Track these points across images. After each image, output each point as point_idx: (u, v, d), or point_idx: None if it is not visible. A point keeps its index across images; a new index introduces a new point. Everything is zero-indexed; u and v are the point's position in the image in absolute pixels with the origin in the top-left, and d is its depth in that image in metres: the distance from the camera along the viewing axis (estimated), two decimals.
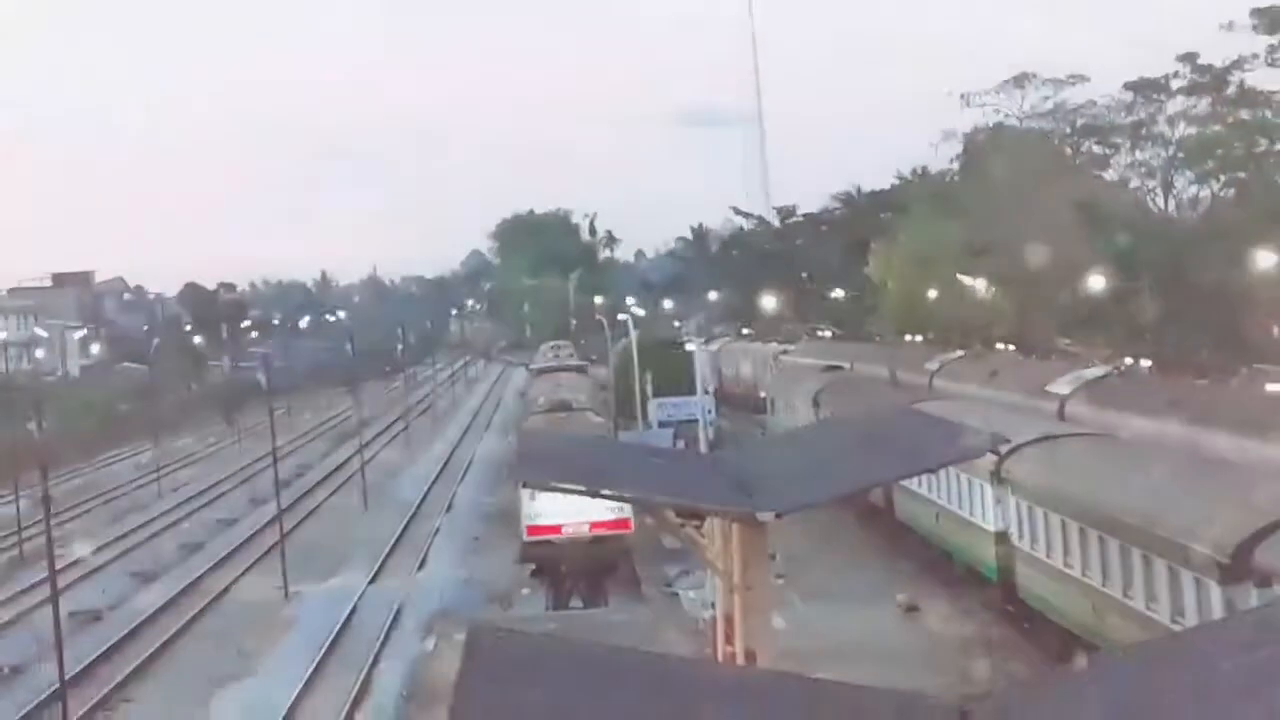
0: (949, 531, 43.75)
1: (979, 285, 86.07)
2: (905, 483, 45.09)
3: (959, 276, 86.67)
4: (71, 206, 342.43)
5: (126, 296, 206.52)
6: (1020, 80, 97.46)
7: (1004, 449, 34.99)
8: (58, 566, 40.69)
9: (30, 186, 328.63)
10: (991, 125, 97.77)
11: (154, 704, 41.23)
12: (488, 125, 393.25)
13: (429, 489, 79.06)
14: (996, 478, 38.70)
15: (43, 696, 39.64)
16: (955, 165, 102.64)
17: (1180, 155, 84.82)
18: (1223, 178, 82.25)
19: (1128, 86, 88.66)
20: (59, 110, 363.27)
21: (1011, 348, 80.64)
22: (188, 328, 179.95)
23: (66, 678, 36.81)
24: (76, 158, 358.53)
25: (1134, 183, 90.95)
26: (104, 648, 46.24)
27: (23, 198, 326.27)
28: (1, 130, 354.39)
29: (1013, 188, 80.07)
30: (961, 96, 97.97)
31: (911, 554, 48.12)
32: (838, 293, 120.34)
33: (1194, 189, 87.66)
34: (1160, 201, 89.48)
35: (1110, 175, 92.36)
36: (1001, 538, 38.91)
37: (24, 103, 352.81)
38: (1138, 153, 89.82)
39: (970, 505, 41.36)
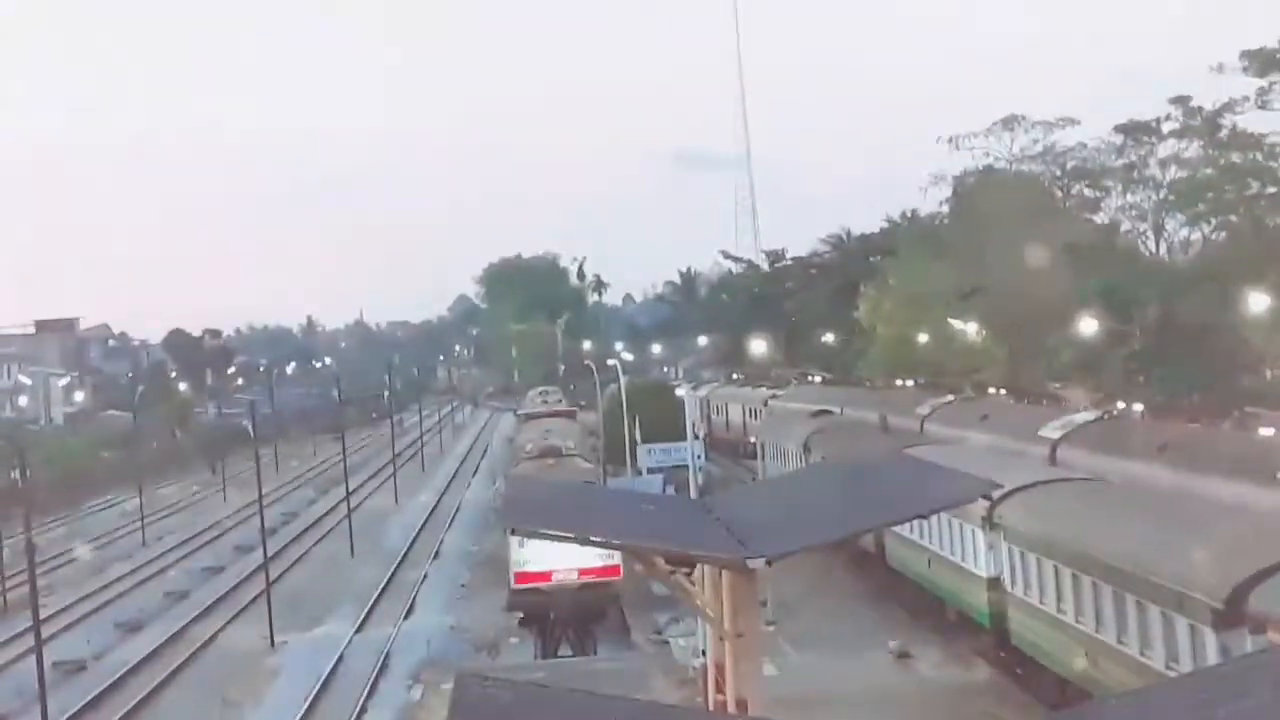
0: (941, 577, 43.42)
1: (969, 329, 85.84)
2: (897, 528, 44.77)
3: (949, 320, 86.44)
4: (55, 253, 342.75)
5: (111, 343, 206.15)
6: (1009, 123, 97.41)
7: (996, 494, 34.66)
8: (42, 616, 40.32)
9: (13, 233, 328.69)
10: (981, 168, 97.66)
11: None
12: (475, 170, 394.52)
13: (416, 536, 78.75)
14: (989, 523, 38.39)
15: None
16: (945, 208, 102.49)
17: (1171, 198, 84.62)
18: (1214, 220, 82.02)
19: (1118, 129, 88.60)
20: (43, 156, 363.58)
21: (1003, 392, 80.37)
22: (173, 374, 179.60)
23: None
24: (60, 204, 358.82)
25: (1125, 225, 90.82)
26: (88, 698, 45.86)
27: (5, 244, 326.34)
28: None
29: (1002, 230, 79.83)
30: (950, 140, 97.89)
31: (903, 600, 47.79)
32: (827, 337, 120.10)
33: (1185, 232, 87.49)
34: (1151, 244, 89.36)
35: (1101, 218, 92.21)
36: (994, 583, 38.59)
37: (7, 147, 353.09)
38: (1129, 195, 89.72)
39: (962, 551, 41.05)
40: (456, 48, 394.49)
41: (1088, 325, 68.71)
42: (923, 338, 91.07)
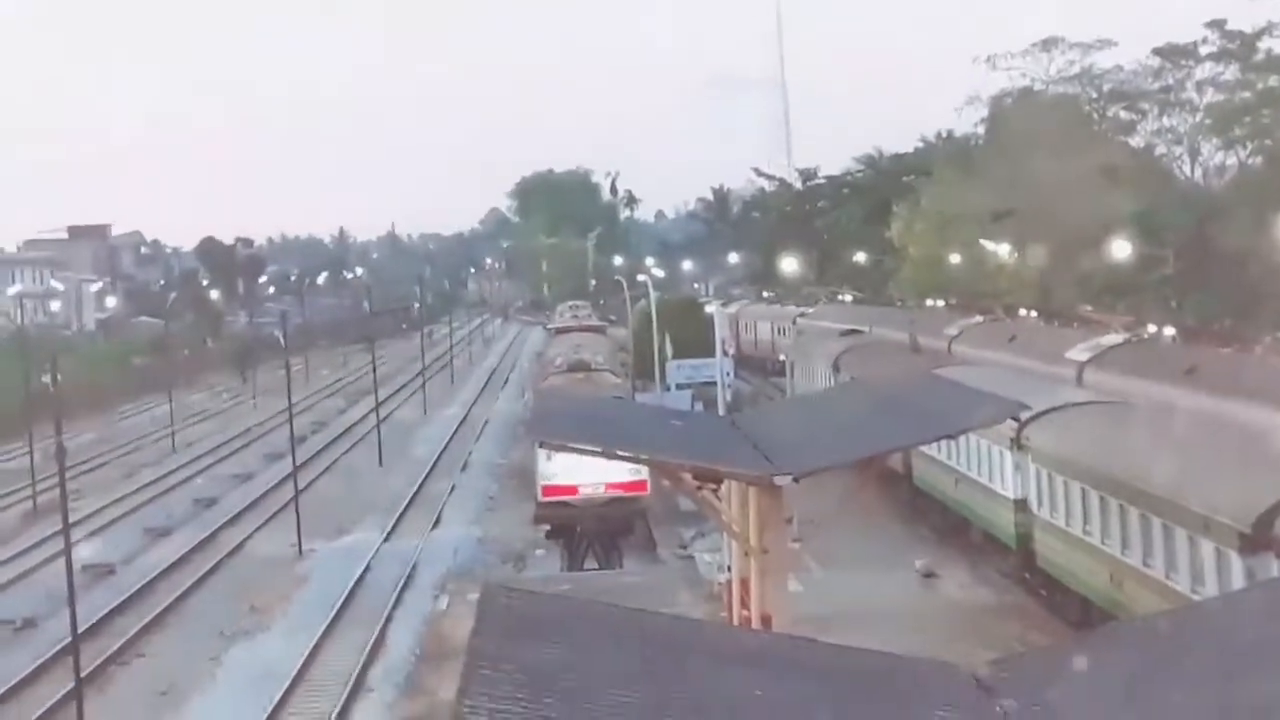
0: (967, 498, 43.45)
1: (1001, 250, 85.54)
2: (924, 449, 44.73)
3: (982, 241, 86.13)
4: (90, 159, 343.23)
5: (143, 250, 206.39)
6: (1047, 44, 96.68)
7: (1024, 416, 34.64)
8: (71, 520, 40.52)
9: (49, 139, 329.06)
10: (1018, 89, 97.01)
11: (166, 658, 41.12)
12: (509, 82, 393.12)
13: (445, 447, 78.95)
14: (1016, 445, 38.36)
15: (55, 649, 39.55)
16: (980, 129, 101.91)
17: (1207, 122, 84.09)
18: (1250, 145, 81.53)
19: (1155, 52, 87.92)
20: (80, 64, 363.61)
21: (1033, 314, 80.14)
22: (204, 282, 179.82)
23: (79, 631, 36.64)
24: (96, 111, 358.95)
25: (1160, 149, 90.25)
26: (116, 601, 46.15)
27: (41, 150, 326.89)
28: (23, 83, 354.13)
29: (1038, 152, 79.38)
30: (987, 59, 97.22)
31: (930, 520, 47.86)
32: (859, 256, 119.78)
33: (1221, 156, 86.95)
34: (1187, 168, 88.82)
35: (1136, 141, 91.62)
36: (1020, 505, 38.60)
37: (46, 56, 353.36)
38: (1165, 119, 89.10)
39: (989, 472, 41.05)
40: None
41: (1121, 249, 68.41)
42: (954, 258, 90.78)
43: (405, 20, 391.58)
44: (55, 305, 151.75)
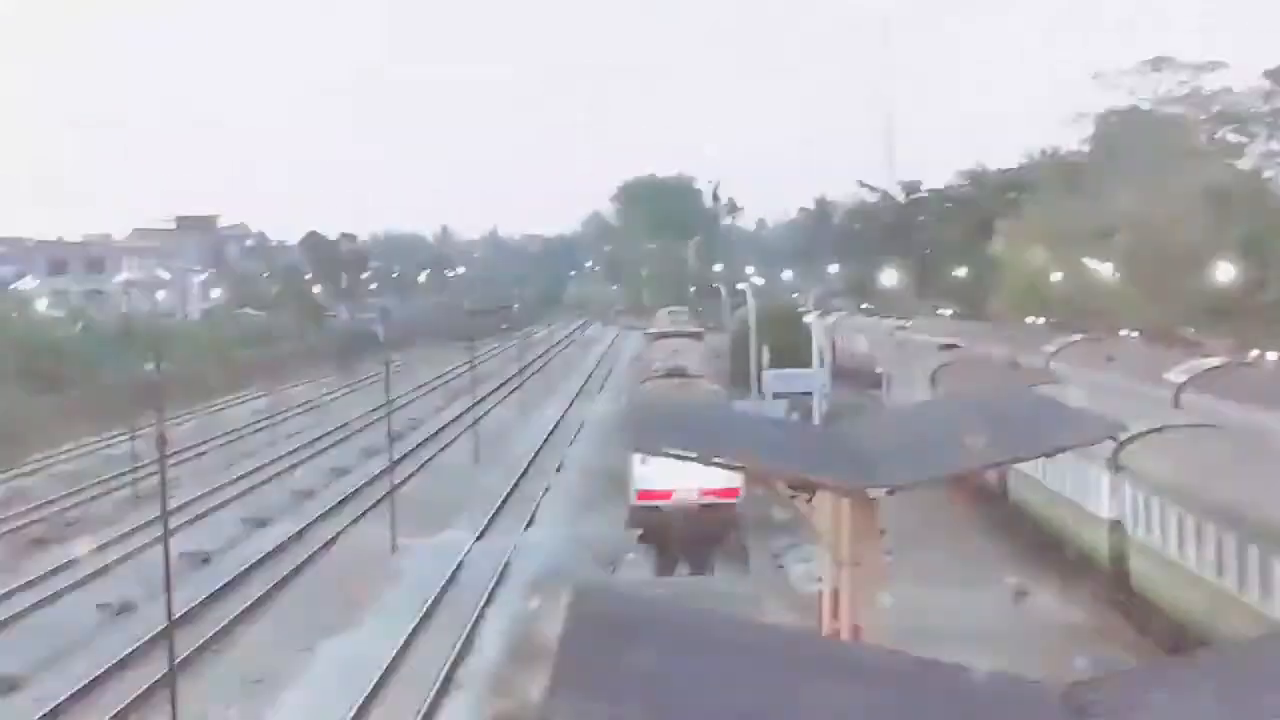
0: (1062, 517, 43.25)
1: (1104, 269, 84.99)
2: (1020, 466, 44.55)
3: (1084, 260, 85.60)
4: (199, 152, 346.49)
5: (249, 242, 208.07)
6: (1157, 64, 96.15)
7: (1122, 436, 34.45)
8: (170, 507, 40.99)
9: (160, 129, 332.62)
10: (1125, 108, 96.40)
11: (259, 647, 41.50)
12: (614, 86, 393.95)
13: (540, 448, 79.22)
14: (1114, 465, 38.15)
15: (151, 635, 40.00)
16: (1086, 147, 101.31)
17: None
18: None
19: (1266, 75, 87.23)
20: (193, 58, 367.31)
21: (1134, 334, 79.61)
22: (307, 276, 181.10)
23: (174, 617, 37.07)
24: (207, 104, 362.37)
25: (1268, 172, 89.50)
26: (212, 590, 46.64)
27: (152, 140, 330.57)
28: (135, 75, 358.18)
29: (1144, 172, 78.87)
30: (1096, 77, 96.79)
31: (1023, 538, 47.63)
32: (960, 271, 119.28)
33: None
34: None
35: (1244, 164, 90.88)
36: (1115, 526, 38.40)
37: (157, 48, 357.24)
38: (1274, 142, 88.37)
39: (1085, 492, 40.84)
40: None
41: (1225, 271, 67.85)
42: (1056, 276, 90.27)
43: (511, 21, 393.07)
44: (161, 294, 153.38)
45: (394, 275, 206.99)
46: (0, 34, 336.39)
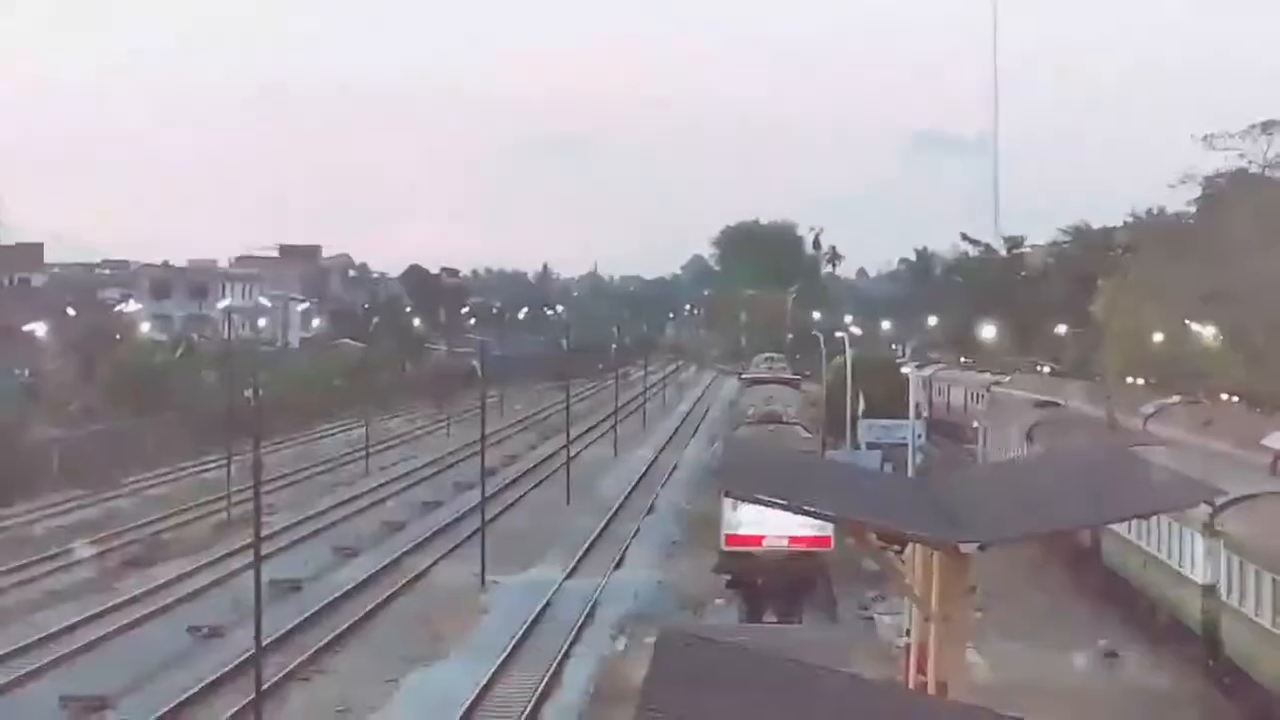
0: (1155, 580, 42.86)
1: (1207, 332, 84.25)
2: (1114, 526, 44.23)
3: (1188, 322, 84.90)
4: (305, 183, 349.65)
5: (351, 273, 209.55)
6: (1268, 126, 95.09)
7: (1219, 501, 34.15)
8: (263, 534, 41.31)
9: (269, 162, 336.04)
10: (1233, 170, 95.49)
11: (345, 677, 41.73)
12: (718, 131, 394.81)
13: (632, 489, 79.28)
14: (1209, 530, 37.79)
15: (238, 660, 40.28)
16: (1192, 208, 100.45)
17: None
18: None
19: None
20: (303, 90, 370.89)
21: (1235, 399, 78.79)
22: (408, 309, 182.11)
23: (263, 644, 37.33)
24: (313, 134, 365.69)
25: None
26: (301, 618, 46.92)
27: (260, 169, 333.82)
28: (246, 103, 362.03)
29: (1253, 236, 78.06)
30: (1204, 138, 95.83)
31: (1116, 599, 47.20)
32: (1060, 328, 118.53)
33: None
34: None
35: None
36: (1209, 591, 38.01)
37: (272, 80, 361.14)
38: None
39: (1179, 555, 40.46)
40: (708, 14, 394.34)
41: None
42: (1158, 337, 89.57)
43: (613, 68, 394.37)
44: (262, 321, 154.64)
45: (493, 311, 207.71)
46: (127, 65, 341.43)
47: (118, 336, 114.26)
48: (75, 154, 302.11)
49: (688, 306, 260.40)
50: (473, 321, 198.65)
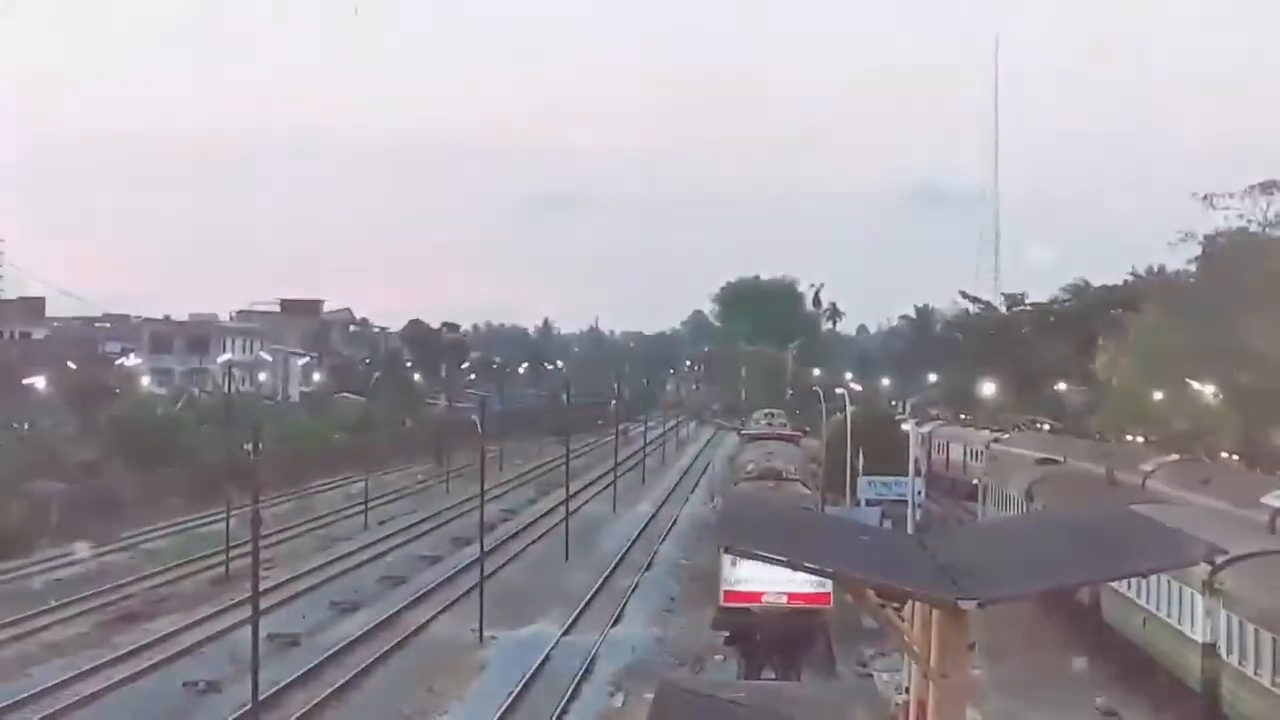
0: (1155, 638, 42.78)
1: (1207, 392, 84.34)
2: (1114, 584, 44.16)
3: (1188, 381, 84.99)
4: (306, 239, 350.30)
5: (352, 328, 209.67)
6: (1266, 187, 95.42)
7: (1219, 560, 34.11)
8: (261, 588, 41.25)
9: (270, 213, 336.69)
10: (1233, 229, 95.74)
11: None
12: (720, 188, 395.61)
13: (631, 545, 79.22)
14: (1209, 589, 37.76)
15: (235, 715, 40.16)
16: (1192, 267, 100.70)
17: None
18: None
19: None
20: (304, 146, 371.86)
21: (1235, 458, 78.83)
22: (408, 364, 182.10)
23: (260, 699, 37.24)
24: (315, 189, 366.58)
25: None
26: (298, 673, 46.79)
27: (261, 223, 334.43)
28: (249, 158, 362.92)
29: (1252, 296, 78.19)
30: (1204, 198, 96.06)
31: (1115, 657, 47.08)
32: (1060, 385, 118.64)
33: None
34: None
35: None
36: (1209, 650, 37.95)
37: (274, 136, 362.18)
38: None
39: (1179, 614, 40.41)
40: (710, 70, 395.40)
41: None
42: (1158, 395, 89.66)
43: (614, 123, 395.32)
44: (263, 375, 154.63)
45: (493, 366, 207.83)
46: (128, 116, 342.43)
47: (117, 390, 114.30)
48: (75, 208, 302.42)
49: (688, 362, 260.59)
50: (473, 376, 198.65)
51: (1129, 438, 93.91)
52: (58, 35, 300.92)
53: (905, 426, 74.81)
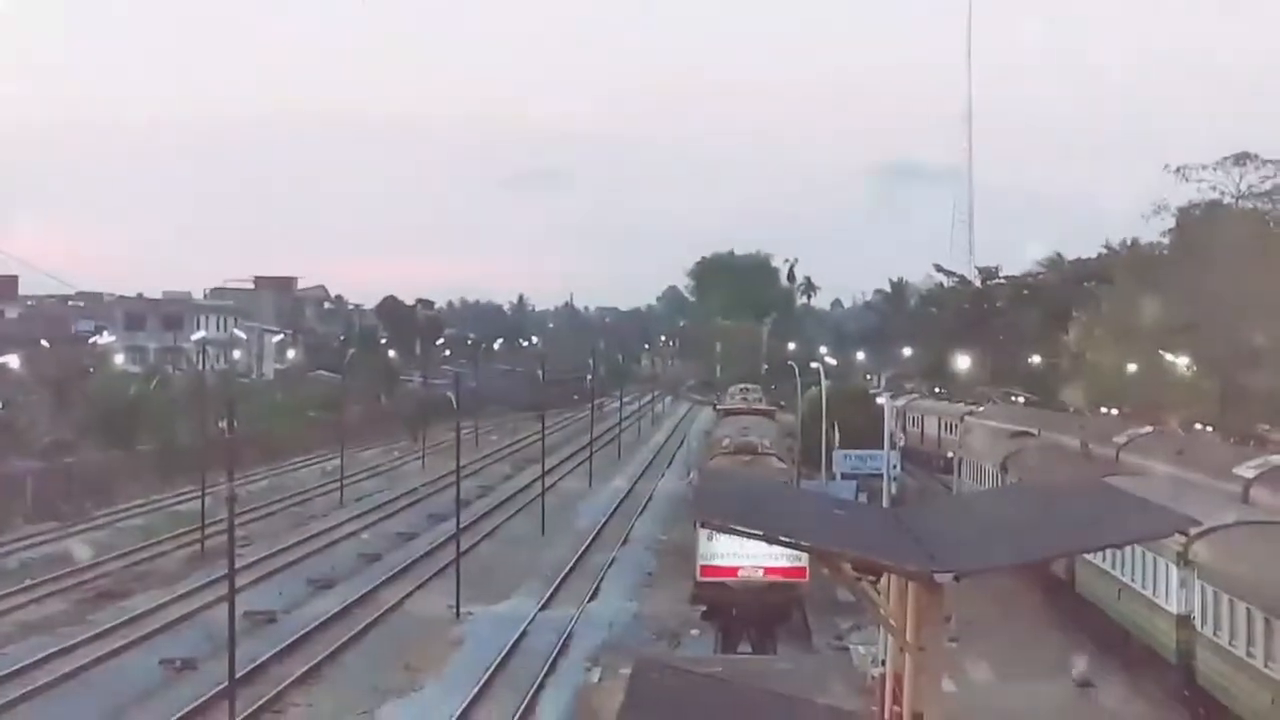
0: (1130, 609, 42.92)
1: (1181, 363, 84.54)
2: (1088, 556, 44.29)
3: (1161, 352, 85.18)
4: (280, 216, 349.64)
5: (326, 305, 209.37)
6: (1240, 159, 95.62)
7: (1193, 531, 34.20)
8: (237, 566, 41.19)
9: (243, 193, 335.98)
10: (1206, 201, 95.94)
11: (320, 709, 41.60)
12: (694, 164, 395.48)
13: (607, 520, 79.25)
14: (1183, 559, 37.88)
15: (212, 692, 40.13)
16: (1166, 239, 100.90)
17: None
18: None
19: None
20: (279, 123, 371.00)
21: (1208, 429, 79.02)
22: (383, 340, 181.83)
23: (236, 676, 37.21)
24: (288, 166, 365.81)
25: None
26: (276, 649, 46.76)
27: (234, 201, 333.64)
28: (222, 136, 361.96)
29: (1225, 267, 78.37)
30: (1178, 170, 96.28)
31: (1090, 629, 47.24)
32: (1034, 358, 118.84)
33: None
34: None
35: None
36: (1184, 621, 38.08)
37: (249, 113, 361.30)
38: None
39: (1154, 585, 40.53)
40: (684, 45, 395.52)
41: None
42: (1131, 368, 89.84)
43: (588, 102, 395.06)
44: (237, 353, 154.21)
45: (469, 343, 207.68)
46: (101, 96, 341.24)
47: (91, 369, 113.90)
48: (47, 187, 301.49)
49: (663, 337, 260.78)
50: (448, 353, 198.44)
51: (1102, 410, 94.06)
52: (24, 17, 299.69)
53: (880, 400, 74.93)
